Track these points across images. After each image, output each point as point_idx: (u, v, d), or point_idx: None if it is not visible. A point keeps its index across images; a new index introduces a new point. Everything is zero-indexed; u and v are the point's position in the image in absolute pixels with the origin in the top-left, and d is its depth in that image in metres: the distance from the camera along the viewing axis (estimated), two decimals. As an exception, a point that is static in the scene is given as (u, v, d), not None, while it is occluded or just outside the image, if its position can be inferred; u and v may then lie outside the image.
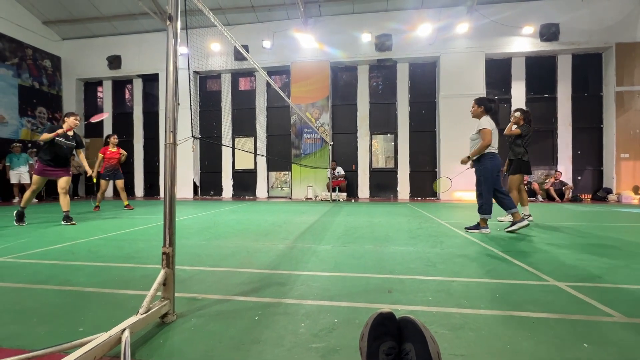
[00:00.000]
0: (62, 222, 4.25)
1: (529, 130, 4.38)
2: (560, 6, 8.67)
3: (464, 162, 3.68)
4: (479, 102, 3.63)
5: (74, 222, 4.28)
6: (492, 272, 2.08)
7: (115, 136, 6.60)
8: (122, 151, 6.58)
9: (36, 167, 4.28)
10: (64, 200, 4.34)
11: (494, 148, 3.49)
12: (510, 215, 3.62)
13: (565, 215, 5.43)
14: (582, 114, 9.09)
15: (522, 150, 4.34)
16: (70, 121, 4.41)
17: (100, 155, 6.31)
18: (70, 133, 4.45)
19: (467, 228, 3.61)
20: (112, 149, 6.44)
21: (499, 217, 4.75)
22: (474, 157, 3.58)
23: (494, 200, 3.61)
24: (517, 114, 4.48)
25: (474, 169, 3.72)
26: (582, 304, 1.55)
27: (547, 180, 9.03)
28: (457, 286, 1.81)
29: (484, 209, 3.49)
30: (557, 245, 2.94)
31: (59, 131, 4.21)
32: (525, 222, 3.44)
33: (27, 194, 4.28)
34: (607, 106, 8.80)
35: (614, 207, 6.78)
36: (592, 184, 9.15)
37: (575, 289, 1.76)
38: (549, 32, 8.59)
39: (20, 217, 4.20)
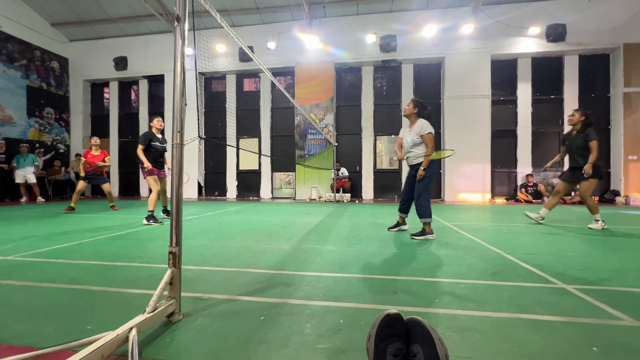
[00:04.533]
0: (162, 215, 4.91)
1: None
2: (566, 6, 8.59)
3: (421, 176, 3.33)
4: (415, 103, 3.47)
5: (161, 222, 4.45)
6: (498, 274, 2.07)
7: (96, 138, 6.12)
8: (107, 158, 6.15)
9: (146, 171, 4.58)
10: (165, 199, 4.93)
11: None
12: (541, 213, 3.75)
13: (572, 217, 5.37)
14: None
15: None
16: (155, 124, 4.71)
17: (83, 159, 5.95)
18: (159, 135, 4.76)
19: (412, 235, 3.36)
20: (95, 152, 6.02)
21: (527, 211, 4.63)
22: (426, 167, 3.33)
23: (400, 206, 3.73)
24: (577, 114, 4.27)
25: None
26: (590, 307, 1.53)
27: (555, 183, 8.96)
28: (463, 288, 1.80)
29: (425, 212, 3.32)
30: (564, 247, 2.91)
31: (147, 165, 4.53)
32: (433, 236, 3.29)
33: (152, 196, 4.51)
34: (615, 107, 8.70)
35: (622, 210, 6.69)
36: (600, 185, 9.04)
37: (584, 291, 1.74)
38: (556, 33, 8.52)
39: (154, 219, 4.39)
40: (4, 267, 2.23)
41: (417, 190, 3.41)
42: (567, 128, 9.02)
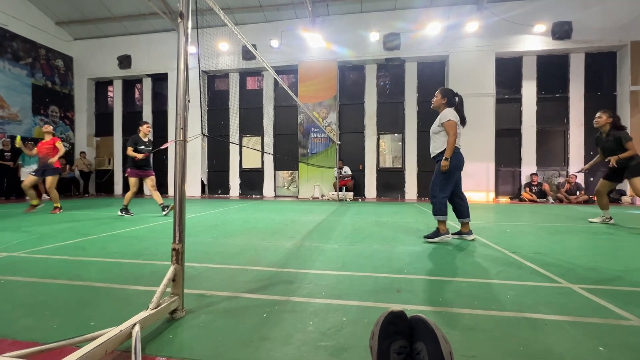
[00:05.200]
0: (163, 213, 5.03)
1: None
2: (573, 4, 8.50)
3: (445, 167, 2.99)
4: (443, 92, 3.21)
5: (167, 211, 5.01)
6: (502, 273, 2.05)
7: (47, 125, 5.50)
8: (58, 142, 5.42)
9: (129, 172, 5.07)
10: (156, 195, 5.19)
11: (458, 143, 3.08)
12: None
13: (578, 216, 5.32)
14: (595, 113, 8.83)
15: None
16: (143, 129, 5.18)
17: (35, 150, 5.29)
18: (146, 139, 5.21)
19: (426, 237, 3.11)
20: (47, 137, 5.38)
21: (590, 218, 4.56)
22: (449, 156, 3.00)
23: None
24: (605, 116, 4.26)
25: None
26: (597, 307, 1.51)
27: (560, 182, 8.89)
28: (467, 287, 1.79)
29: (439, 209, 3.04)
30: (570, 246, 2.88)
31: (139, 156, 5.03)
32: (472, 236, 3.12)
33: (128, 194, 5.03)
34: (622, 106, 8.60)
35: (628, 209, 6.62)
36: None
37: (590, 291, 1.71)
38: (562, 31, 8.43)
39: (126, 211, 4.93)
40: (9, 263, 2.25)
41: (433, 182, 3.12)
42: (572, 127, 8.96)
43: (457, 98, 3.19)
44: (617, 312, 1.45)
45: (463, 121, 3.15)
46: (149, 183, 5.20)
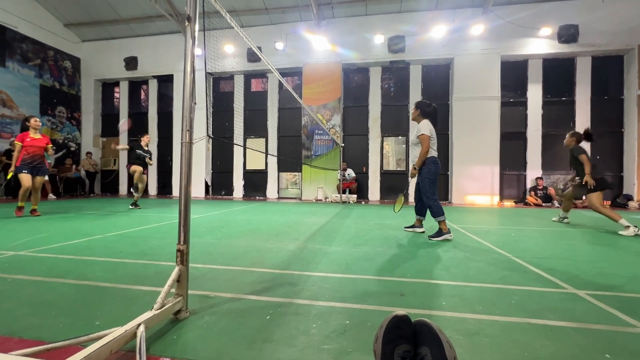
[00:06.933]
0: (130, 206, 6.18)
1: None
2: (579, 7, 8.44)
3: (413, 174, 3.55)
4: (416, 105, 3.62)
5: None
6: (507, 278, 2.03)
7: (37, 118, 4.98)
8: (49, 143, 5.09)
9: (129, 165, 6.29)
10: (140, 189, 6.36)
11: (435, 152, 3.47)
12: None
13: (584, 221, 5.26)
14: (601, 118, 8.81)
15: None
16: (145, 139, 6.39)
17: (18, 144, 4.77)
18: (146, 147, 6.39)
19: (430, 237, 3.36)
20: (35, 135, 4.90)
21: (554, 217, 4.70)
22: (418, 166, 3.47)
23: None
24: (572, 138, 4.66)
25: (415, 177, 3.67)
26: (603, 314, 1.49)
27: (566, 186, 8.80)
28: (471, 291, 1.78)
29: (436, 211, 3.36)
30: (576, 251, 2.85)
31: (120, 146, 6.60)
32: (450, 236, 3.30)
33: (139, 177, 6.14)
34: (629, 110, 8.51)
35: (635, 214, 6.54)
36: (612, 190, 8.86)
37: (596, 297, 1.70)
38: (568, 34, 8.37)
39: (136, 205, 6.19)
40: (15, 262, 2.28)
41: (422, 190, 3.51)
42: (578, 130, 8.87)
43: (430, 109, 3.54)
44: (623, 318, 1.44)
45: (435, 124, 3.51)
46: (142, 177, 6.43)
